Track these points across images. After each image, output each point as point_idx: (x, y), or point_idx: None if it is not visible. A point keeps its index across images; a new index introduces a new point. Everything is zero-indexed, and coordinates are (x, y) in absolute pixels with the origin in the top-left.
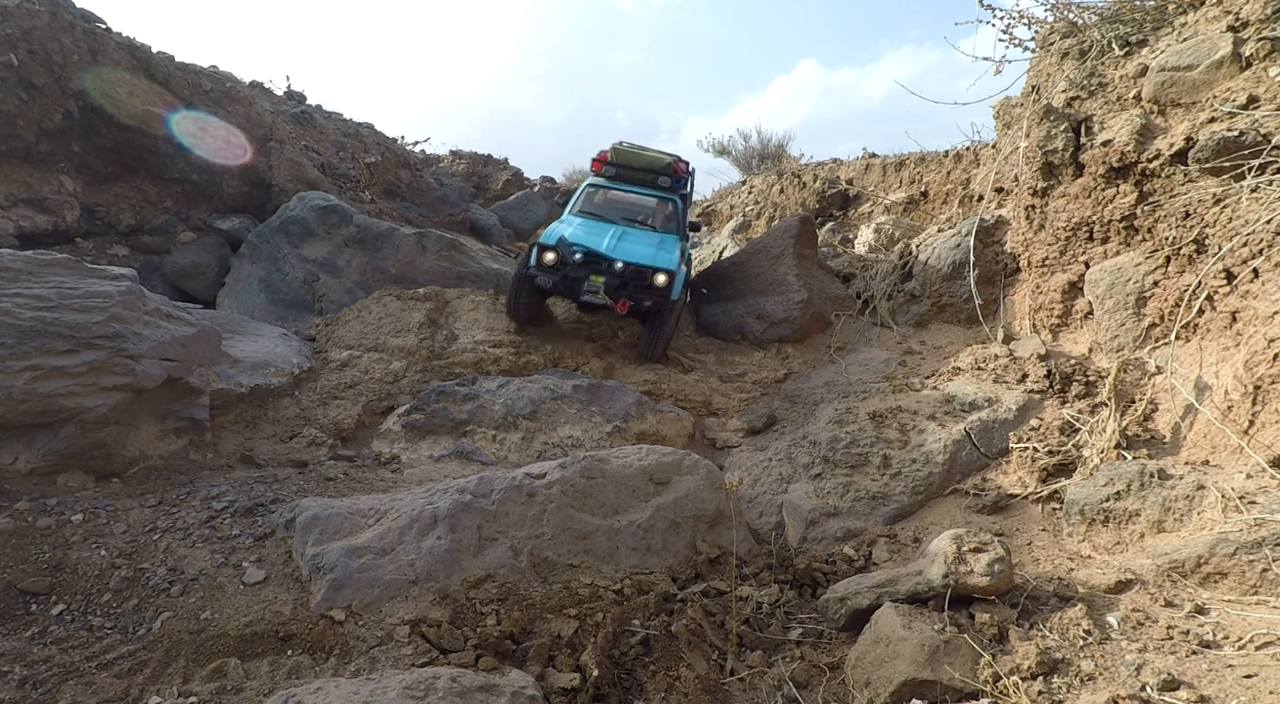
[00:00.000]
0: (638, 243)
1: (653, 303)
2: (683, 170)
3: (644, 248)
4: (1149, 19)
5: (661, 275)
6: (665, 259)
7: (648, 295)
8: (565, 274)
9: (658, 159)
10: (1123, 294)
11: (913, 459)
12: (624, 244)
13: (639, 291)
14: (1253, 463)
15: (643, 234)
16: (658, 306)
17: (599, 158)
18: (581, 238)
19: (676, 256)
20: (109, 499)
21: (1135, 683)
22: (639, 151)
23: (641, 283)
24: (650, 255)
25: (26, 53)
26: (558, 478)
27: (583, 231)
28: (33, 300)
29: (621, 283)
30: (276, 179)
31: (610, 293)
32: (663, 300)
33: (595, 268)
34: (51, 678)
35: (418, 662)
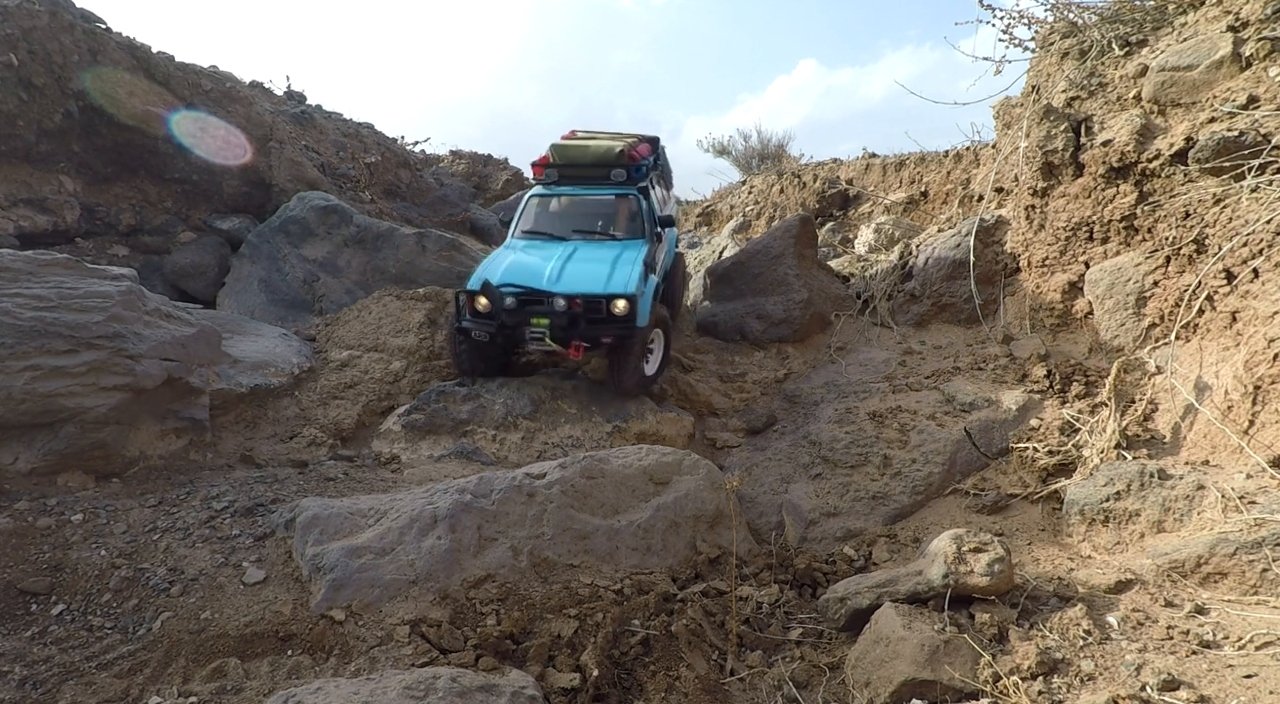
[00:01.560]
0: (589, 263)
1: (616, 337)
2: (641, 155)
3: (595, 269)
4: (1149, 19)
5: (620, 302)
6: (622, 279)
7: (607, 329)
8: (502, 322)
9: (606, 150)
10: (1123, 294)
11: (913, 459)
12: (571, 270)
13: (595, 327)
14: (1253, 463)
15: (598, 249)
16: (624, 339)
17: (539, 161)
18: (516, 272)
19: (638, 271)
20: (109, 499)
21: (1135, 683)
22: (583, 145)
23: (596, 316)
24: (601, 279)
25: (26, 53)
26: (558, 478)
27: (519, 263)
28: (33, 300)
29: (571, 321)
30: (276, 179)
31: (559, 335)
32: (627, 330)
33: (537, 308)
34: (51, 678)
35: (418, 662)
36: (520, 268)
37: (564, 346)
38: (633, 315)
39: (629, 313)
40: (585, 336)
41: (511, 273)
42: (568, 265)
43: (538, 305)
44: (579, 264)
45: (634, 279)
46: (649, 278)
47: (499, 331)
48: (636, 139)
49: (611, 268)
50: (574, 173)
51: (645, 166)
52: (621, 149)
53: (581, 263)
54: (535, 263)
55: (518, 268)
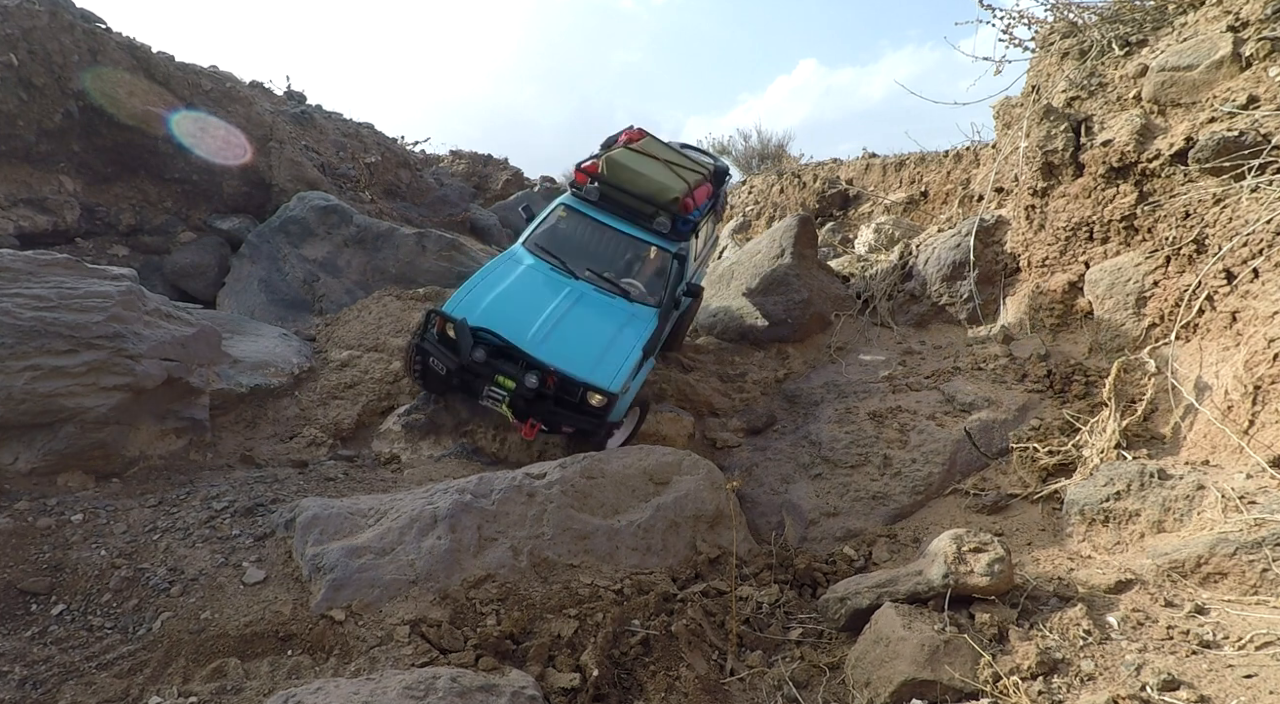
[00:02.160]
0: (584, 330)
1: (580, 426)
2: (697, 203)
3: (588, 342)
4: (1149, 19)
5: (598, 395)
6: (610, 370)
7: (573, 418)
8: (465, 364)
9: (660, 189)
10: (1123, 294)
11: (913, 459)
12: (561, 333)
13: (560, 410)
14: (1253, 463)
15: (602, 310)
16: (588, 434)
17: (586, 167)
18: (500, 315)
19: (633, 361)
20: (109, 499)
21: (1135, 683)
22: (637, 172)
23: (568, 400)
24: (589, 359)
25: (26, 53)
26: (558, 478)
27: (508, 301)
28: (33, 300)
29: (537, 396)
30: (276, 179)
31: (517, 406)
32: (596, 424)
33: (507, 367)
34: (51, 678)
35: (418, 662)
36: (507, 309)
37: (519, 418)
38: (607, 409)
39: (604, 408)
40: (547, 417)
41: (495, 314)
42: (560, 325)
43: (509, 363)
44: (572, 327)
45: (624, 372)
46: (643, 366)
47: (458, 372)
48: (702, 176)
49: (606, 346)
50: (617, 196)
51: (696, 219)
52: (678, 196)
53: (576, 326)
54: (526, 306)
55: (504, 308)
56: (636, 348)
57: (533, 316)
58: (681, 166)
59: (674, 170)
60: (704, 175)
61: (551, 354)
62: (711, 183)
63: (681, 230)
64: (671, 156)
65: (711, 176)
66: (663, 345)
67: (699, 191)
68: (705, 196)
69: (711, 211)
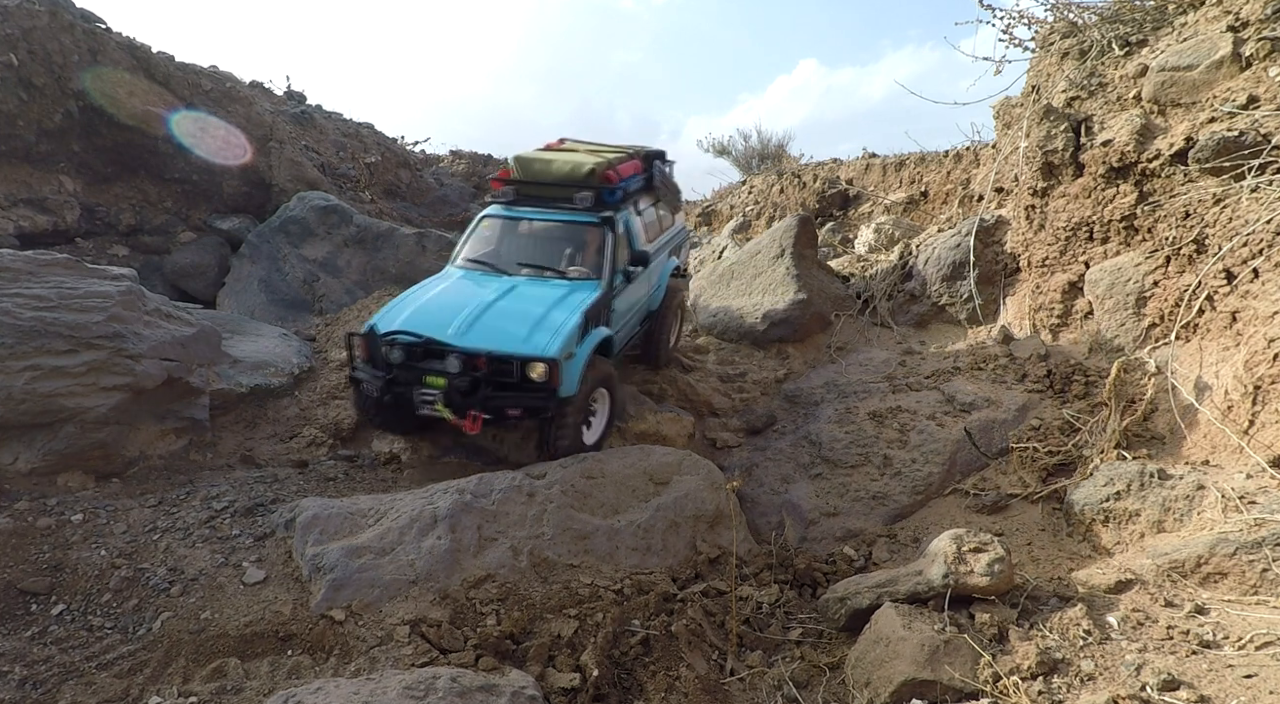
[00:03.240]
0: (513, 312)
1: (528, 410)
2: (620, 175)
3: (517, 320)
4: (1149, 19)
5: (538, 366)
6: (544, 338)
7: (517, 399)
8: (390, 377)
9: (573, 167)
10: (1123, 294)
11: (913, 459)
12: (489, 319)
13: (500, 394)
14: (1253, 463)
15: (538, 291)
16: (538, 411)
17: (499, 175)
18: (420, 317)
19: (572, 326)
20: (109, 499)
21: (1135, 683)
22: (547, 159)
23: (504, 381)
24: (519, 334)
25: (26, 53)
26: (558, 478)
27: (432, 303)
28: (33, 300)
29: (471, 384)
30: (276, 179)
31: (454, 401)
32: (543, 401)
33: (434, 365)
34: (51, 678)
35: (418, 662)
36: (430, 310)
37: (459, 416)
38: (554, 381)
39: (548, 380)
40: (487, 406)
41: (415, 317)
42: (489, 312)
43: (437, 361)
44: (503, 311)
45: (561, 338)
46: (590, 333)
47: (387, 388)
48: (624, 154)
49: (539, 320)
50: (535, 192)
51: (622, 190)
52: (593, 167)
53: (506, 310)
54: (452, 305)
55: (427, 310)
56: (575, 313)
57: (455, 313)
58: (599, 151)
59: (593, 151)
60: (629, 155)
61: (476, 338)
62: (642, 163)
63: (608, 201)
64: (589, 146)
65: (641, 158)
66: (644, 352)
67: (623, 166)
68: (633, 171)
69: (650, 191)
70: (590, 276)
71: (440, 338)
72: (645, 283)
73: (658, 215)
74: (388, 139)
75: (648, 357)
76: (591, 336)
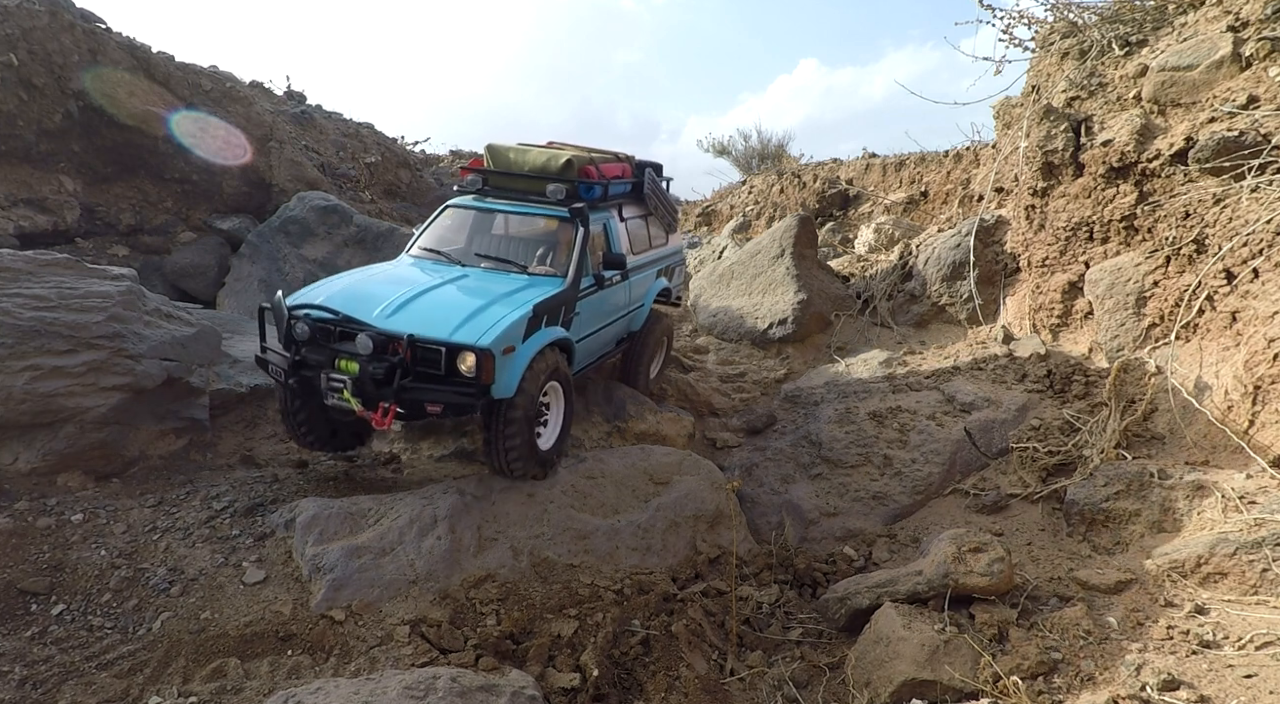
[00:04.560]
0: (454, 298)
1: (450, 406)
2: (603, 174)
3: (456, 306)
4: (1149, 19)
5: (468, 356)
6: (481, 325)
7: (439, 393)
8: (297, 359)
9: (549, 159)
10: (1123, 294)
11: (913, 459)
12: (424, 302)
13: (421, 386)
14: (1253, 463)
15: (491, 282)
16: (463, 410)
17: (470, 163)
18: (347, 294)
19: (517, 318)
20: (109, 499)
21: (1135, 683)
22: (523, 149)
23: (429, 371)
24: (453, 319)
25: (26, 53)
26: (558, 477)
27: (366, 283)
28: (33, 300)
29: (388, 371)
30: (276, 179)
31: (365, 390)
32: (469, 399)
33: (349, 347)
34: (51, 678)
35: (418, 662)
36: (360, 289)
37: (369, 407)
38: (486, 375)
39: (479, 373)
40: (401, 398)
41: (341, 295)
42: (425, 296)
43: (351, 342)
44: (441, 297)
45: (502, 327)
46: (540, 331)
47: (292, 371)
48: (614, 158)
49: (479, 309)
50: (507, 184)
51: (602, 188)
52: (570, 159)
53: (445, 296)
54: (387, 287)
55: (356, 289)
56: (526, 306)
57: (387, 295)
58: (585, 151)
59: (572, 150)
60: (616, 158)
61: (403, 322)
62: (631, 168)
63: (585, 198)
64: (578, 148)
65: (632, 165)
66: (622, 377)
67: (608, 166)
68: (618, 174)
69: (640, 202)
70: (555, 274)
71: (358, 316)
72: (623, 294)
73: (648, 230)
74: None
75: (625, 378)
76: (542, 334)
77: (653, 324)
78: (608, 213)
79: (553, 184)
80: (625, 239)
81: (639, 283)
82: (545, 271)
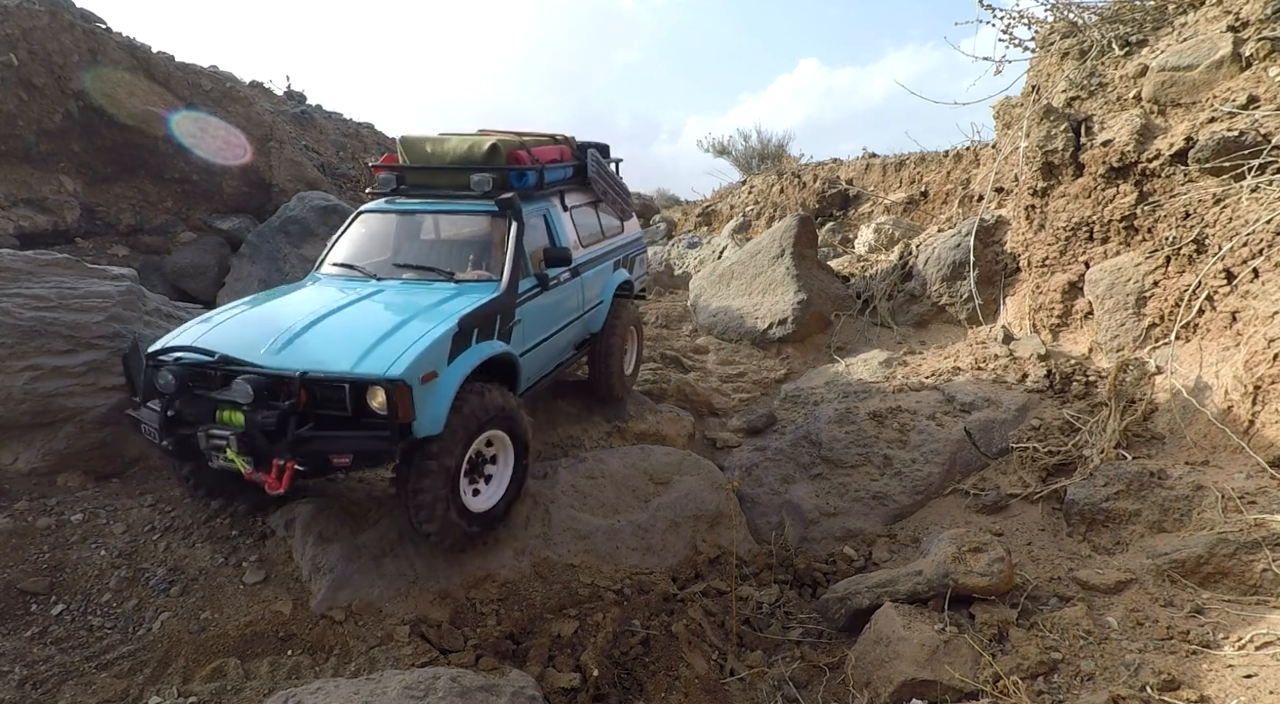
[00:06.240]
0: (358, 323)
1: (362, 455)
2: (536, 158)
3: (359, 332)
4: (1149, 19)
5: (376, 391)
6: (391, 351)
7: (348, 439)
8: (169, 413)
9: (472, 146)
10: (1123, 294)
11: (913, 459)
12: (320, 331)
13: (324, 434)
14: (1253, 463)
15: (407, 297)
16: (377, 457)
17: (383, 160)
18: (225, 335)
19: (437, 337)
20: (109, 499)
21: (1135, 683)
22: (441, 138)
23: (333, 413)
24: (354, 350)
25: (26, 53)
26: (559, 478)
27: (256, 315)
28: (33, 300)
29: (280, 420)
30: (276, 179)
31: (254, 445)
32: (387, 444)
33: (229, 394)
34: (51, 678)
35: (418, 662)
36: (244, 324)
37: (259, 467)
38: (402, 415)
39: (394, 410)
40: (300, 451)
41: (219, 331)
42: (326, 321)
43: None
44: (343, 322)
45: (418, 350)
46: (470, 348)
47: (167, 429)
48: (550, 140)
49: (389, 331)
50: (426, 180)
51: (536, 174)
52: (494, 144)
53: (348, 320)
54: (280, 317)
55: (238, 324)
56: (448, 319)
57: (279, 326)
58: (515, 135)
59: (498, 134)
60: (553, 140)
61: (294, 357)
62: (573, 152)
63: (517, 187)
64: (507, 133)
65: (572, 147)
66: (590, 383)
67: (542, 150)
68: (557, 156)
69: (585, 188)
70: (488, 279)
71: (238, 355)
72: (575, 293)
73: (598, 218)
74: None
75: (594, 389)
76: (472, 352)
77: (615, 320)
78: (546, 202)
79: (477, 175)
80: (571, 230)
81: (593, 279)
82: (477, 277)
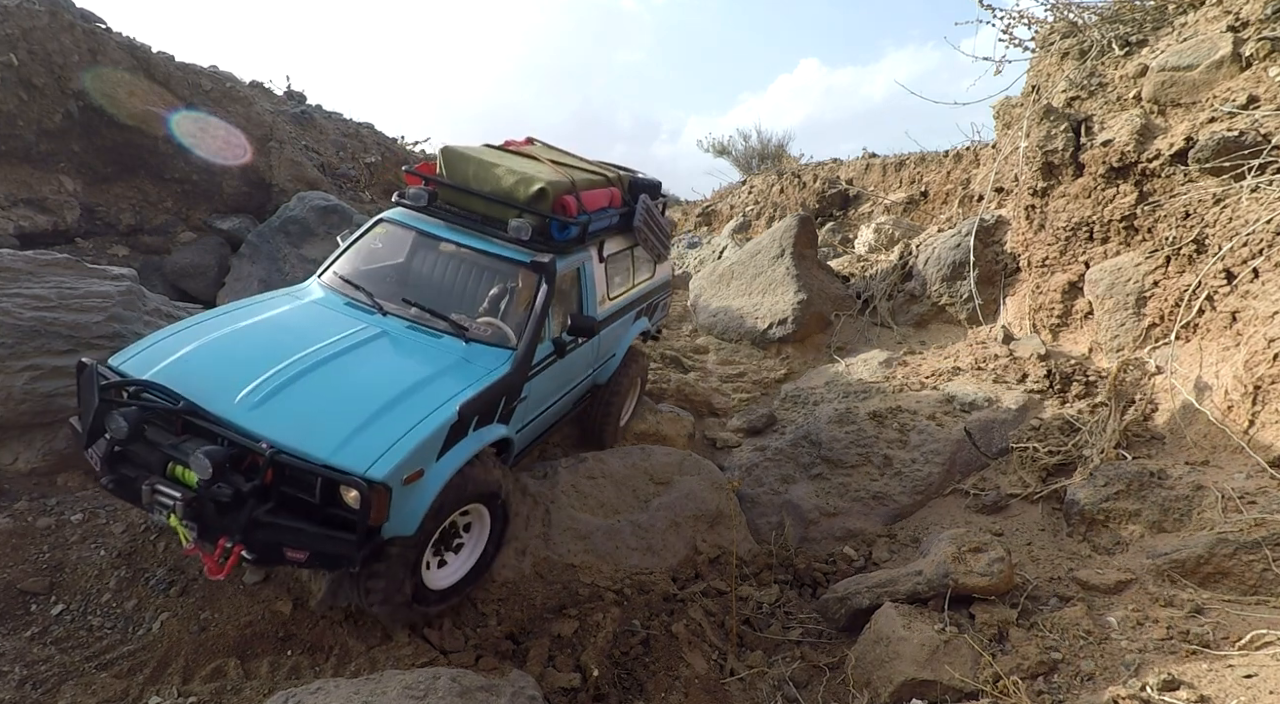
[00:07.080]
0: (351, 381)
1: (318, 556)
2: (584, 206)
3: (351, 400)
4: (1149, 19)
5: (350, 492)
6: (378, 441)
7: (306, 535)
8: (113, 451)
9: (519, 182)
10: (1123, 294)
11: (913, 459)
12: (305, 386)
13: (285, 521)
14: (1253, 463)
15: (404, 351)
16: (340, 561)
17: (419, 168)
18: (196, 368)
19: (427, 432)
20: (109, 499)
21: (1135, 683)
22: (491, 164)
23: (299, 497)
24: (345, 428)
25: (26, 53)
26: (559, 478)
27: (231, 348)
28: (33, 300)
29: (235, 498)
30: (276, 179)
31: (203, 513)
32: (348, 547)
33: (185, 448)
34: (51, 678)
35: (418, 662)
36: (215, 361)
37: (207, 537)
38: (374, 518)
39: (366, 512)
40: (250, 535)
41: (187, 368)
42: (307, 376)
43: (191, 441)
44: (329, 379)
45: (408, 447)
46: (467, 438)
47: (107, 468)
48: (601, 177)
49: (386, 405)
50: (461, 202)
51: (580, 227)
52: (545, 187)
53: (338, 377)
54: (255, 356)
55: (211, 360)
56: (448, 405)
57: (259, 368)
58: (569, 166)
59: (552, 165)
60: (607, 179)
61: (271, 420)
62: (622, 192)
63: (557, 239)
64: (558, 157)
65: (625, 187)
66: (581, 429)
67: (592, 194)
68: (606, 203)
69: (626, 232)
70: (500, 340)
71: (209, 407)
72: (589, 353)
73: (631, 263)
74: (388, 139)
75: (584, 430)
76: (468, 443)
77: (625, 370)
78: (584, 253)
79: (516, 220)
80: (603, 285)
81: (612, 333)
82: (486, 332)
